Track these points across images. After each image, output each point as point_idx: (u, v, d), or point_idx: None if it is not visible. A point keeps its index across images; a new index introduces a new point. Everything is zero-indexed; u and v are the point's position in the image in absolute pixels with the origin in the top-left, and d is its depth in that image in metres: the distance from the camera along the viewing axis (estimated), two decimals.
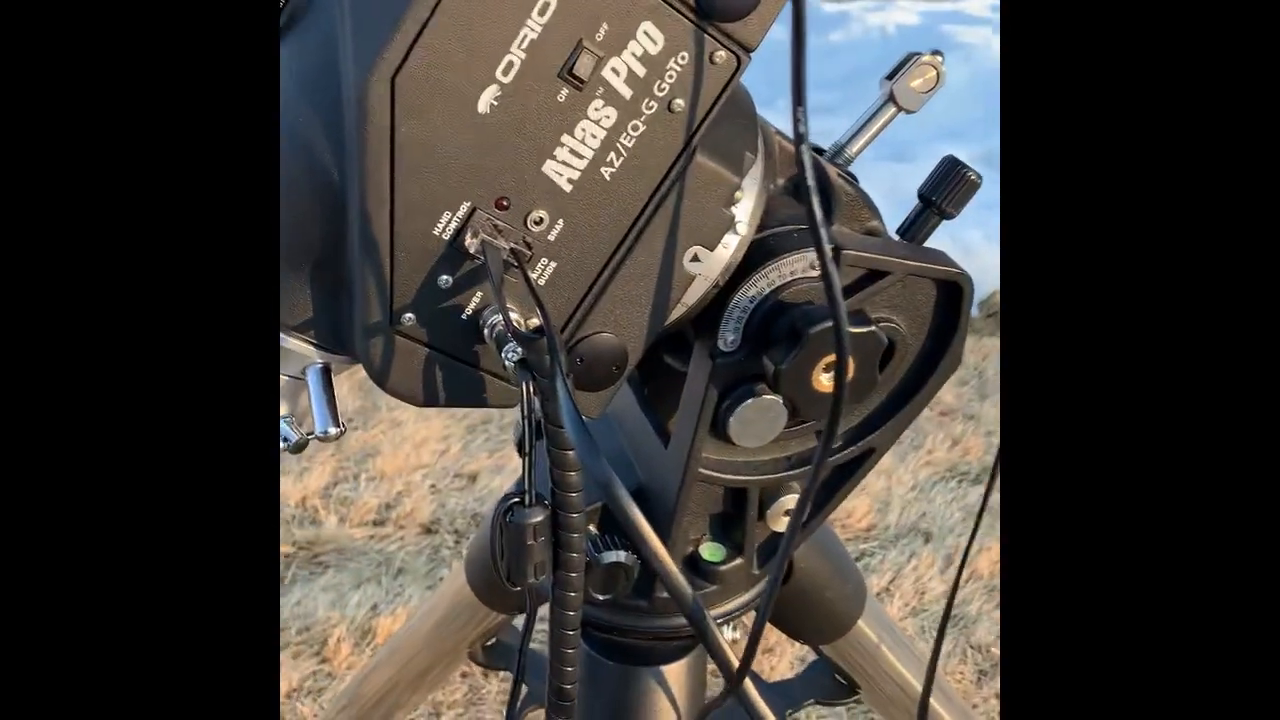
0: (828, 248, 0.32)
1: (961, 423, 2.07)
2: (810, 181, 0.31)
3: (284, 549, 1.75)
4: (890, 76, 0.60)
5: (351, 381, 2.04)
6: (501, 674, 1.49)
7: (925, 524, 1.79)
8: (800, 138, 0.31)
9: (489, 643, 0.83)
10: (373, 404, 2.08)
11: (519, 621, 0.82)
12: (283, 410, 0.49)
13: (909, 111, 0.61)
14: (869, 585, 0.94)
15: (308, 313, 0.46)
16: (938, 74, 0.59)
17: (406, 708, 0.86)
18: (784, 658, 1.49)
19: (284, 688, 1.49)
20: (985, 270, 1.76)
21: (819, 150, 0.62)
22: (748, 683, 0.47)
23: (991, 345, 2.35)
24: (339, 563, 1.73)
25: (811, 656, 0.77)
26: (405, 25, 0.40)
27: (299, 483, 1.86)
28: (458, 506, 1.85)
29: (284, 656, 1.53)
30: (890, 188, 0.98)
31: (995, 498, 0.41)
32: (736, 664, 0.45)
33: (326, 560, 1.73)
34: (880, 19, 3.56)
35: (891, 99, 0.59)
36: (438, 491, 1.89)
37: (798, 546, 0.61)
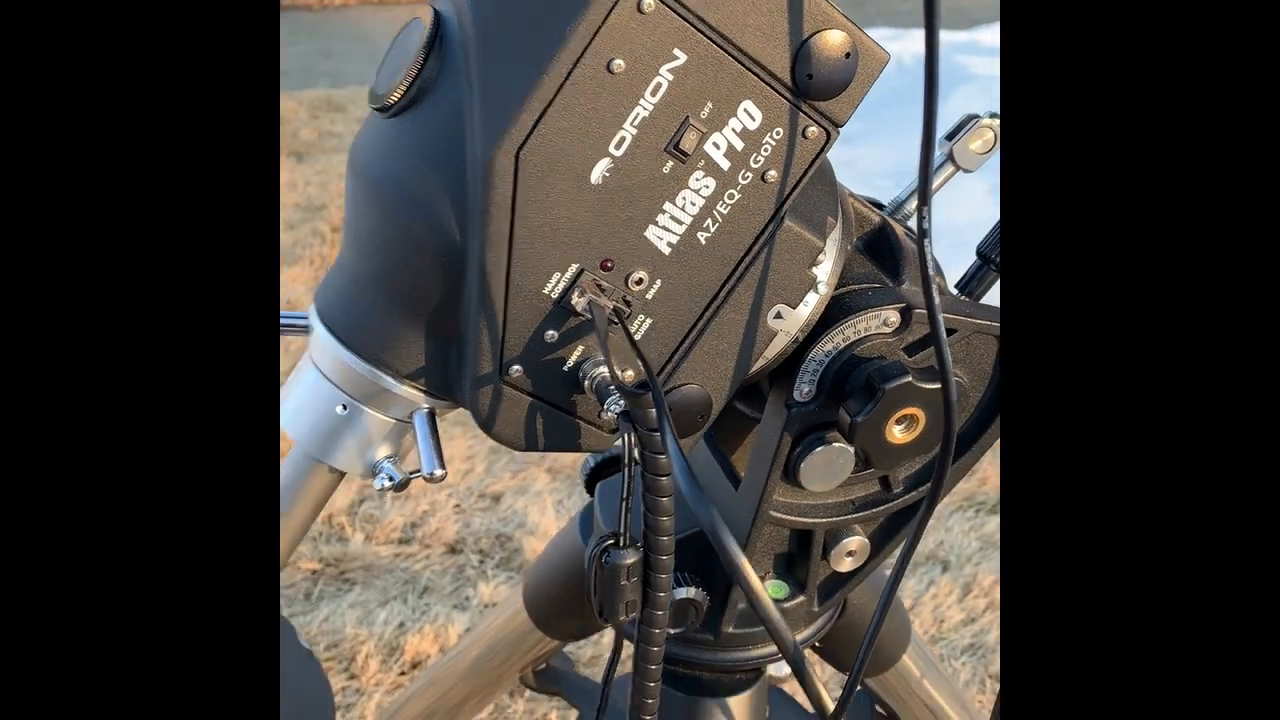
0: (943, 333, 0.34)
1: None
2: (929, 270, 0.34)
3: (311, 565, 1.77)
4: (950, 137, 0.63)
5: None
6: (527, 694, 1.51)
7: (943, 552, 1.82)
8: (924, 233, 0.34)
9: (540, 668, 0.85)
10: None
11: (569, 648, 0.84)
12: (386, 451, 0.52)
13: (967, 171, 0.64)
14: None
15: (420, 362, 0.49)
16: (995, 136, 0.62)
17: None
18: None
19: None
20: None
21: (879, 206, 0.65)
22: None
23: None
24: (365, 580, 1.75)
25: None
26: (531, 104, 0.43)
27: None
28: (482, 527, 1.88)
29: None
30: None
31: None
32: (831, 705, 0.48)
33: (353, 577, 1.76)
34: (897, 48, 3.60)
35: (951, 159, 0.62)
36: (462, 511, 1.92)
37: (854, 588, 0.64)
